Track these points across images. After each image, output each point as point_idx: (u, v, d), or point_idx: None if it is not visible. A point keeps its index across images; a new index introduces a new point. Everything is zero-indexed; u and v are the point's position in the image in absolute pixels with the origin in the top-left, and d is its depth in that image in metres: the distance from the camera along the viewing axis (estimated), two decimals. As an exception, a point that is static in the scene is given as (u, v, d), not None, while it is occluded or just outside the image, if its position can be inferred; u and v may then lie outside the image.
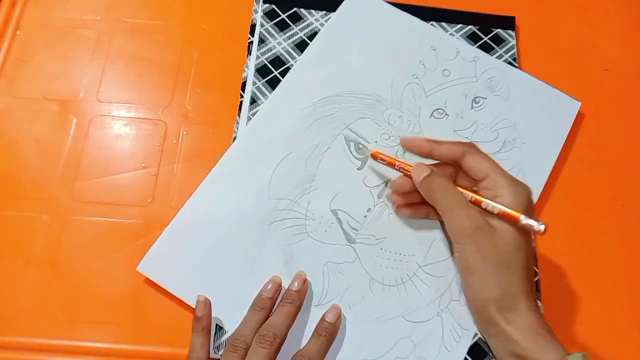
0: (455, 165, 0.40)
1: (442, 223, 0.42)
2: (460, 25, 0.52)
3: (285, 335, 0.36)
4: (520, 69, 0.50)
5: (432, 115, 0.47)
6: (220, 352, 0.38)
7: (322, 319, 0.38)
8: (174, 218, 0.42)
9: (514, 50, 0.51)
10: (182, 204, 0.44)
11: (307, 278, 0.40)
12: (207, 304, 0.38)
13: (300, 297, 0.38)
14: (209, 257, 0.41)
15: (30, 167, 0.45)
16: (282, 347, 0.36)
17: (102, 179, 0.45)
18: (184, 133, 0.47)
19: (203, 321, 0.37)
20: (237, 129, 0.47)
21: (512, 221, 0.35)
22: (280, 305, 0.38)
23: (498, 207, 0.36)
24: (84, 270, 0.41)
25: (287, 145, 0.45)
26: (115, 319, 0.40)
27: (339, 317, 0.38)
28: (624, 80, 0.51)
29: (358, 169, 0.44)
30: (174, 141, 0.47)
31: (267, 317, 0.37)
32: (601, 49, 0.53)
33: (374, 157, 0.43)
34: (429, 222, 0.43)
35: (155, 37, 0.51)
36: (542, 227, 0.34)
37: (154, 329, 0.40)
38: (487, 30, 0.52)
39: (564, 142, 0.47)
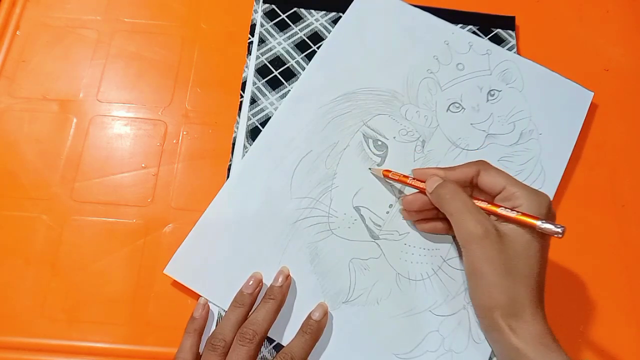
0: (471, 186, 0.40)
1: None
2: (460, 25, 0.52)
3: (267, 332, 0.36)
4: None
5: (448, 109, 0.47)
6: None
7: (309, 316, 0.38)
8: (198, 220, 0.42)
9: (514, 50, 0.51)
10: (182, 204, 0.44)
11: (291, 274, 0.40)
12: (205, 307, 0.39)
13: (282, 293, 0.38)
14: (234, 258, 0.41)
15: (30, 167, 0.45)
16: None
17: (102, 179, 0.45)
18: (184, 133, 0.47)
19: (197, 323, 0.38)
20: (237, 128, 0.47)
21: (530, 226, 0.35)
22: (262, 301, 0.38)
23: (514, 213, 0.35)
24: (84, 270, 0.41)
25: (306, 144, 0.45)
26: (115, 319, 0.40)
27: (326, 315, 0.38)
28: (624, 80, 0.51)
29: (378, 165, 0.45)
30: (174, 141, 0.47)
31: (248, 313, 0.37)
32: (601, 49, 0.53)
33: (385, 176, 0.43)
34: None
35: (155, 37, 0.51)
36: (559, 230, 0.33)
37: (154, 329, 0.40)
38: (487, 30, 0.52)
39: (579, 131, 0.47)
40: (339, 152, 0.45)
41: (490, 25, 0.52)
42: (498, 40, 0.51)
